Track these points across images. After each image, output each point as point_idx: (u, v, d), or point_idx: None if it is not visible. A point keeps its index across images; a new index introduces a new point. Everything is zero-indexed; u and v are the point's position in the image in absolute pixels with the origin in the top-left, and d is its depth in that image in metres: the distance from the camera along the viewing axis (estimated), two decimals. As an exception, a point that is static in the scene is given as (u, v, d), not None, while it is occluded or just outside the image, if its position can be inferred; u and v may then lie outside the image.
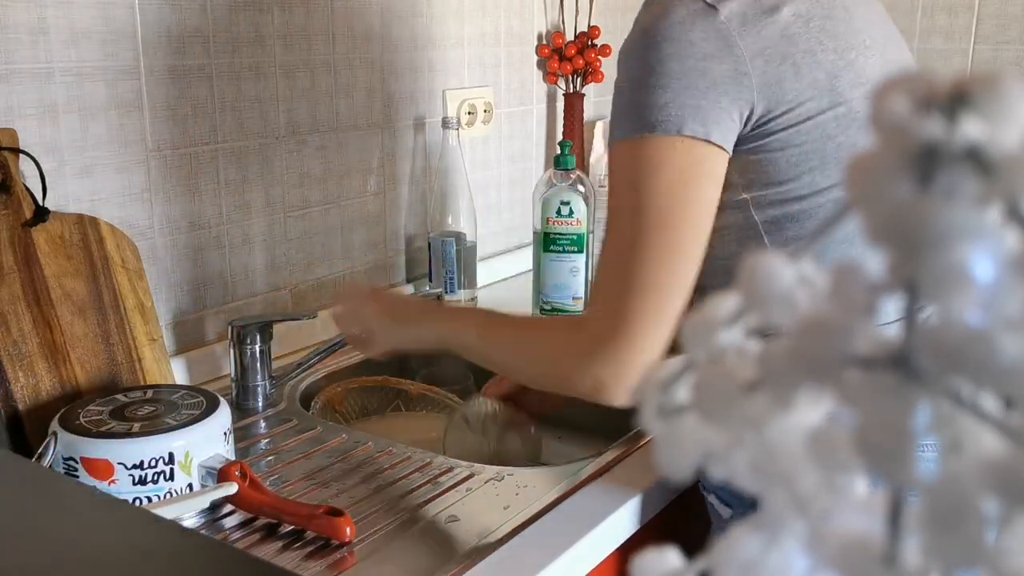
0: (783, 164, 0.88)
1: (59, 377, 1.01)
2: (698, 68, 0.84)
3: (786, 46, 0.86)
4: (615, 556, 0.94)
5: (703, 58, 0.84)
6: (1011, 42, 1.93)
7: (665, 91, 0.84)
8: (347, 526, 0.85)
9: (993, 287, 0.21)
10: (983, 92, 0.21)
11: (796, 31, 0.87)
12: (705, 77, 0.84)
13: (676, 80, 0.84)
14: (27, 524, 0.53)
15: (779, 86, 0.86)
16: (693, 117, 0.84)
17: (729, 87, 0.84)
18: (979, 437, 0.22)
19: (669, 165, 0.85)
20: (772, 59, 0.85)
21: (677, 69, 0.84)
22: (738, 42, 0.84)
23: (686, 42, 0.84)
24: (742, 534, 0.26)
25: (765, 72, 0.85)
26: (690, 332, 0.27)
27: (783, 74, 0.86)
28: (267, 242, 1.36)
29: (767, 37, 0.85)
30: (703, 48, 0.84)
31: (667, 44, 0.84)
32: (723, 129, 0.85)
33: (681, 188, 0.85)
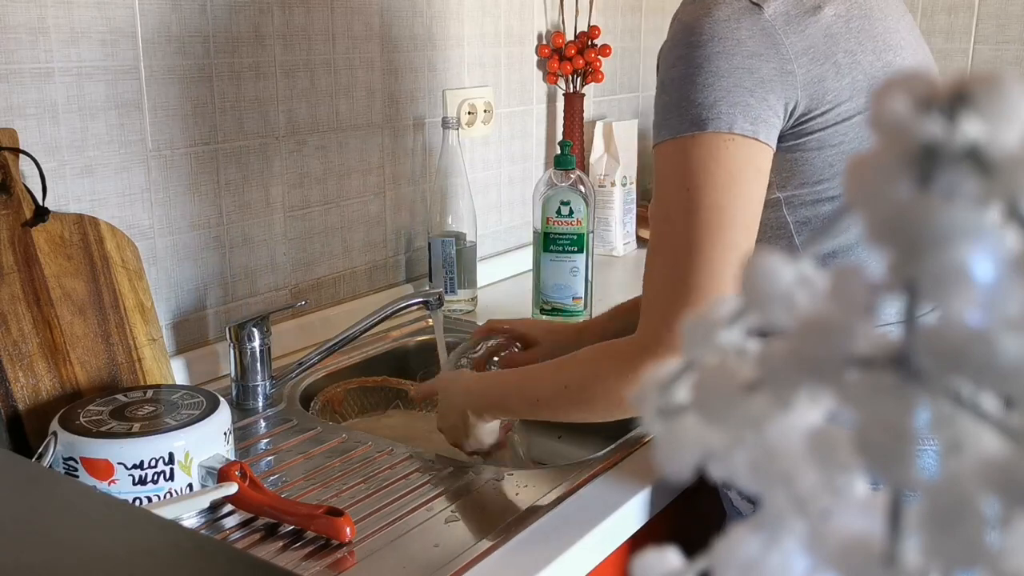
0: (819, 164, 0.89)
1: (59, 377, 1.01)
2: (745, 66, 0.84)
3: (829, 45, 0.86)
4: (617, 555, 0.94)
5: (750, 56, 0.84)
6: (1011, 42, 1.93)
7: (714, 89, 0.84)
8: (347, 526, 0.85)
9: (993, 287, 0.21)
10: (983, 92, 0.21)
11: (838, 31, 0.87)
12: (753, 75, 0.84)
13: (725, 78, 0.84)
14: (27, 524, 0.53)
15: (821, 84, 0.86)
16: (743, 115, 0.84)
17: (776, 84, 0.85)
18: (979, 437, 0.22)
19: (721, 163, 0.85)
20: (816, 58, 0.86)
21: (725, 67, 0.84)
22: (783, 40, 0.85)
23: (733, 40, 0.84)
24: (742, 534, 0.26)
25: (809, 70, 0.86)
26: (690, 332, 0.27)
27: (825, 73, 0.86)
28: (267, 242, 1.36)
29: (811, 36, 0.86)
30: (749, 46, 0.84)
31: (713, 42, 0.84)
32: (769, 127, 0.86)
33: (734, 186, 0.85)
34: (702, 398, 0.26)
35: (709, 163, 0.85)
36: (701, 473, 0.27)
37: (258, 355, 1.18)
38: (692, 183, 0.85)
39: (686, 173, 0.85)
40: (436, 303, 1.30)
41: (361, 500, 0.95)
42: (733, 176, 0.85)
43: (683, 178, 0.86)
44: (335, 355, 1.31)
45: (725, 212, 0.84)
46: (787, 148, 0.88)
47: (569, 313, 1.49)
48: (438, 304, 1.30)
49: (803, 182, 0.90)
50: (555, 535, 0.88)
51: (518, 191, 1.85)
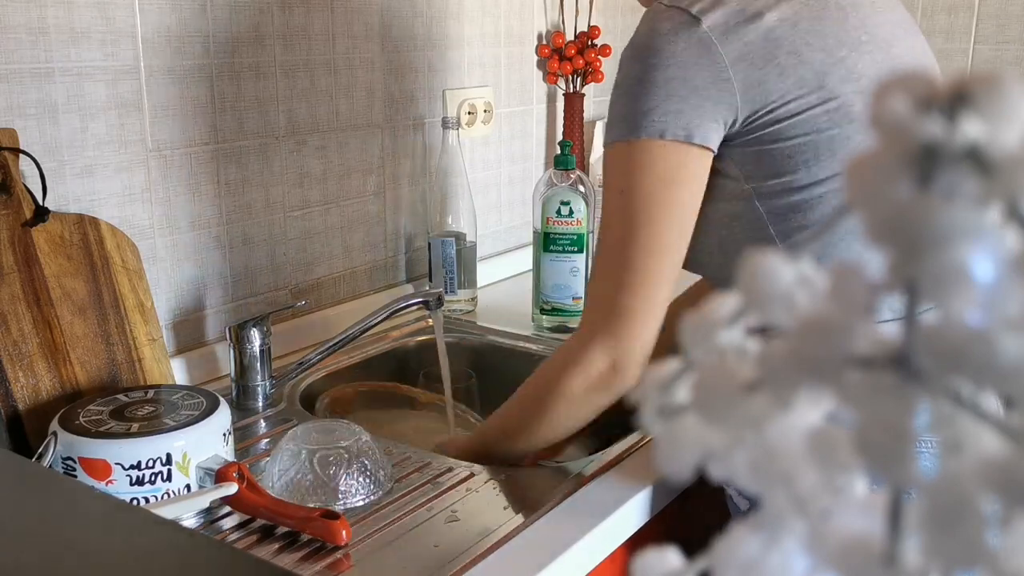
0: (777, 156, 0.93)
1: (59, 377, 1.01)
2: (679, 76, 0.90)
3: (770, 48, 0.90)
4: (616, 555, 0.94)
5: (684, 67, 0.90)
6: (1011, 42, 1.93)
7: (649, 98, 0.91)
8: (343, 529, 0.85)
9: (993, 287, 0.21)
10: (983, 92, 0.21)
11: (780, 34, 0.91)
12: (686, 84, 0.90)
13: (659, 88, 0.90)
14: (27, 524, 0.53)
15: (762, 87, 0.90)
16: (675, 122, 0.90)
17: (711, 92, 0.90)
18: (979, 437, 0.22)
19: (653, 168, 0.91)
20: (755, 62, 0.90)
21: (660, 78, 0.90)
22: (719, 50, 0.90)
23: (669, 53, 0.90)
24: (742, 534, 0.26)
25: (748, 75, 0.90)
26: (690, 332, 0.27)
27: (766, 76, 0.90)
28: (267, 242, 1.36)
29: (749, 42, 0.90)
30: (685, 58, 0.90)
31: (652, 55, 0.91)
32: (705, 131, 0.91)
33: (664, 188, 0.91)
34: (702, 398, 0.26)
35: (640, 168, 0.92)
36: (701, 473, 0.27)
37: (258, 355, 1.18)
38: (626, 186, 0.93)
39: (620, 177, 0.93)
40: (436, 303, 1.30)
41: (360, 501, 0.95)
42: (664, 180, 0.91)
43: (619, 182, 0.93)
44: (335, 355, 1.31)
45: (655, 213, 0.91)
46: (744, 143, 0.93)
47: (569, 313, 1.49)
48: (438, 304, 1.30)
49: (767, 174, 0.94)
50: (555, 535, 0.88)
51: (518, 191, 1.85)
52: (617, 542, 0.94)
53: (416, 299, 1.30)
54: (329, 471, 0.94)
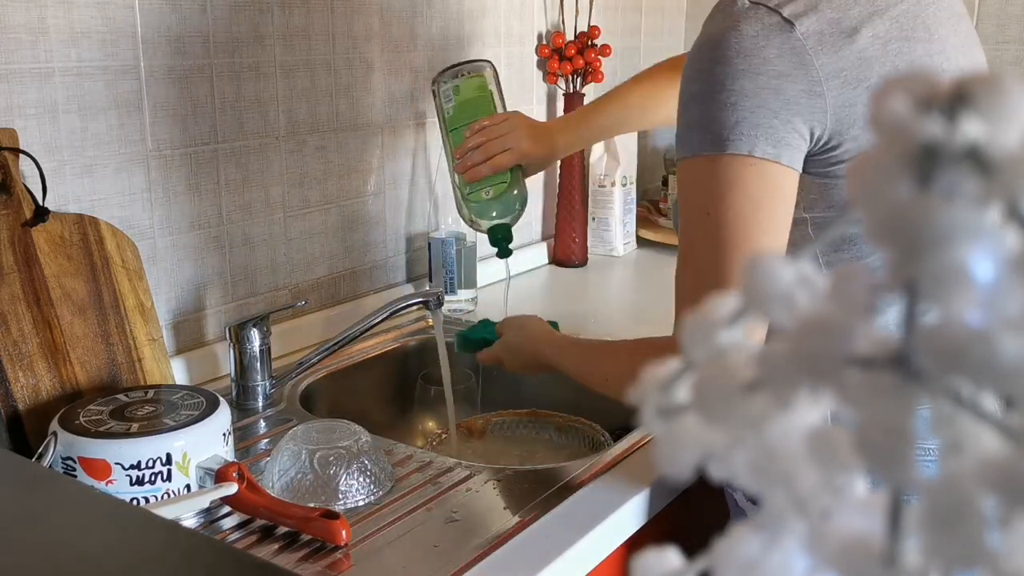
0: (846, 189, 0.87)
1: (59, 377, 1.01)
2: (771, 86, 0.81)
3: (862, 69, 0.83)
4: (616, 556, 0.94)
5: (777, 76, 0.81)
6: (1011, 42, 1.93)
7: (736, 109, 0.81)
8: (343, 529, 0.85)
9: (993, 287, 0.21)
10: (983, 92, 0.21)
11: (873, 54, 0.84)
12: (779, 96, 0.81)
13: (748, 99, 0.81)
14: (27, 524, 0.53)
15: (851, 109, 0.83)
16: (765, 138, 0.81)
17: (802, 107, 0.81)
18: (979, 437, 0.22)
19: (741, 188, 0.82)
20: (848, 81, 0.82)
21: (750, 87, 0.81)
22: (814, 62, 0.81)
23: (760, 59, 0.81)
24: (742, 534, 0.26)
25: (840, 94, 0.82)
26: (690, 332, 0.27)
27: (857, 98, 0.83)
28: (267, 242, 1.36)
29: (844, 58, 0.82)
30: (777, 66, 0.81)
31: (739, 60, 0.81)
32: (793, 150, 0.83)
33: (754, 211, 0.83)
34: (702, 398, 0.26)
35: (728, 187, 0.83)
36: (701, 473, 0.27)
37: (258, 355, 1.18)
38: (713, 207, 0.84)
39: (707, 196, 0.84)
40: (436, 303, 1.30)
41: (360, 500, 0.95)
42: (754, 200, 0.83)
43: (703, 201, 0.85)
44: (335, 355, 1.31)
45: (746, 237, 0.83)
46: (816, 173, 0.86)
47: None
48: (438, 304, 1.30)
49: (830, 205, 0.88)
50: (555, 535, 0.88)
51: (518, 191, 1.85)
52: (617, 542, 0.94)
53: (416, 299, 1.30)
54: (329, 471, 0.94)
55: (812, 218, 0.89)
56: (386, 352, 1.43)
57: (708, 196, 0.84)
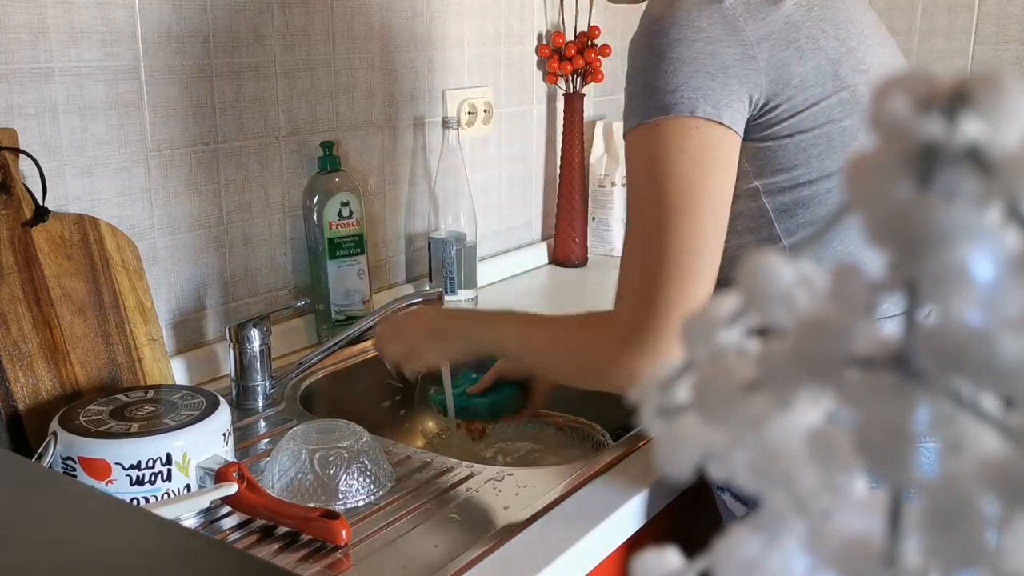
0: (792, 150, 0.90)
1: (59, 377, 1.01)
2: (707, 51, 0.85)
3: (790, 32, 0.88)
4: (616, 556, 0.94)
5: (711, 42, 0.85)
6: (1011, 42, 1.93)
7: (676, 75, 0.85)
8: (342, 529, 0.85)
9: (993, 287, 0.21)
10: (983, 92, 0.21)
11: (799, 19, 0.89)
12: (714, 60, 0.85)
13: (686, 64, 0.85)
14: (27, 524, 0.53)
15: (785, 70, 0.87)
16: (705, 99, 0.85)
17: (738, 70, 0.86)
18: (979, 437, 0.22)
19: (685, 149, 0.86)
20: (778, 44, 0.87)
21: (687, 53, 0.85)
22: (744, 27, 0.86)
23: (694, 27, 0.85)
24: (742, 534, 0.26)
25: (772, 56, 0.87)
26: (690, 332, 0.27)
27: (788, 58, 0.88)
28: (267, 242, 1.36)
29: (771, 23, 0.88)
30: (710, 32, 0.85)
31: (675, 30, 0.86)
32: (733, 112, 0.86)
33: (699, 171, 0.86)
34: (702, 398, 0.26)
35: (673, 149, 0.86)
36: (701, 473, 0.27)
37: (258, 355, 1.18)
38: (659, 171, 0.86)
39: (652, 161, 0.87)
40: (436, 303, 1.30)
41: (360, 500, 0.95)
42: (698, 162, 0.86)
43: (650, 166, 0.87)
44: (335, 355, 1.31)
45: (691, 198, 0.86)
46: (759, 138, 0.90)
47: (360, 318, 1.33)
48: (438, 304, 1.30)
49: (778, 169, 0.91)
50: (555, 535, 0.88)
51: (518, 191, 1.85)
52: (617, 543, 0.94)
53: (416, 299, 1.30)
54: (329, 471, 0.94)
55: (763, 186, 0.92)
56: (386, 352, 1.43)
57: (653, 160, 0.87)
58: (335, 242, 1.37)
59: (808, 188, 0.91)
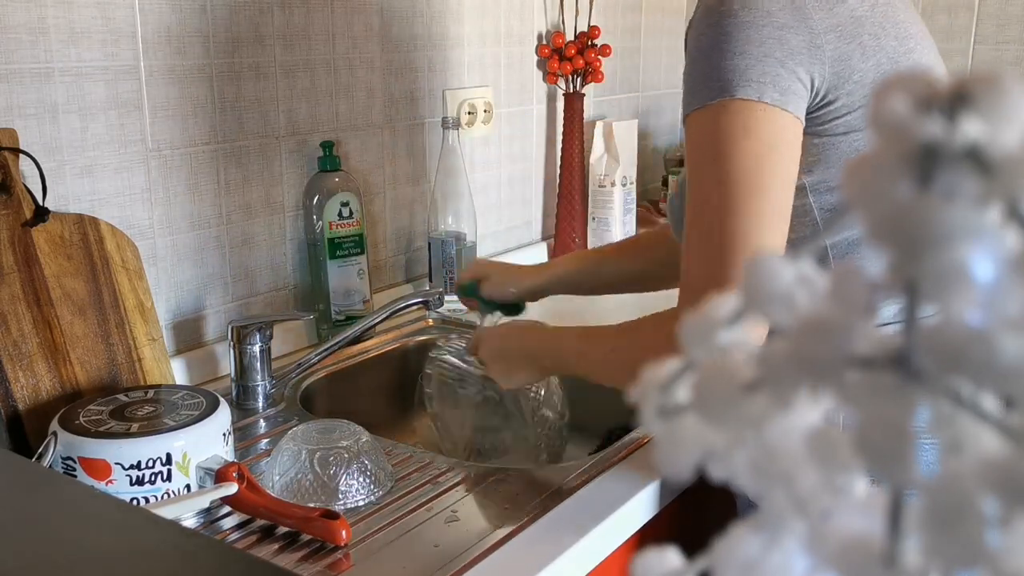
0: (844, 148, 0.89)
1: (59, 377, 1.01)
2: (775, 36, 0.84)
3: (855, 26, 0.87)
4: (619, 554, 0.94)
5: (780, 27, 0.84)
6: (1011, 42, 1.93)
7: (744, 57, 0.83)
8: (342, 529, 0.85)
9: (993, 287, 0.21)
10: (983, 92, 0.21)
11: (863, 14, 0.88)
12: (783, 46, 0.84)
13: (755, 47, 0.83)
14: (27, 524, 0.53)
15: (848, 63, 0.86)
16: (773, 85, 0.83)
17: (804, 57, 0.84)
18: (979, 437, 0.22)
19: (751, 132, 0.83)
20: (843, 36, 0.86)
21: (755, 36, 0.83)
22: (812, 15, 0.85)
23: (763, 11, 0.84)
24: (742, 534, 0.26)
25: (837, 48, 0.86)
26: (690, 332, 0.27)
27: (852, 52, 0.86)
28: (267, 242, 1.36)
29: (839, 14, 0.86)
30: (779, 18, 0.84)
31: (744, 12, 0.84)
32: (798, 99, 0.85)
33: (767, 153, 0.83)
34: (702, 398, 0.26)
35: (739, 131, 0.83)
36: (701, 473, 0.27)
37: (258, 355, 1.18)
38: (723, 152, 0.84)
39: (716, 142, 0.84)
40: (436, 303, 1.30)
41: (361, 500, 0.95)
42: (766, 145, 0.83)
43: (714, 148, 0.84)
44: (335, 355, 1.31)
45: (759, 179, 0.83)
46: (814, 132, 0.88)
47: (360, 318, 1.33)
48: (438, 304, 1.30)
49: (829, 166, 0.89)
50: (556, 535, 0.88)
51: (518, 191, 1.85)
52: (617, 542, 0.94)
53: (416, 299, 1.30)
54: (329, 471, 0.94)
55: (811, 184, 0.90)
56: (386, 352, 1.43)
57: (720, 142, 0.84)
58: (335, 242, 1.37)
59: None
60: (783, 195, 0.84)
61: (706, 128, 0.85)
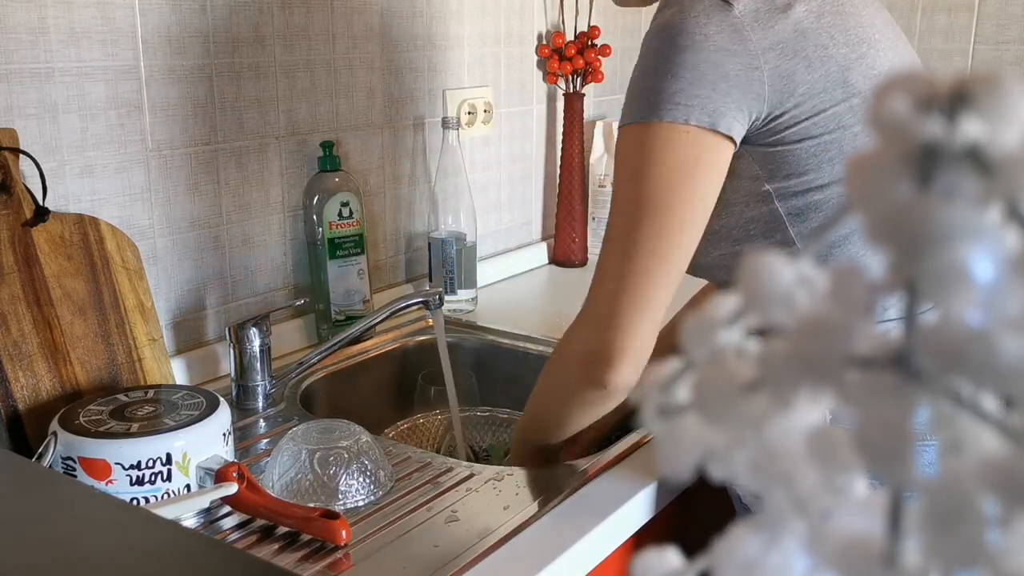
0: (802, 155, 0.90)
1: (59, 377, 1.01)
2: (711, 60, 0.85)
3: (798, 41, 0.88)
4: (617, 555, 0.94)
5: (716, 50, 0.86)
6: (1011, 42, 1.93)
7: (677, 80, 0.86)
8: (342, 529, 0.85)
9: (993, 287, 0.21)
10: (983, 92, 0.21)
11: (808, 26, 0.89)
12: (717, 69, 0.85)
13: (689, 71, 0.85)
14: (27, 524, 0.53)
15: (791, 79, 0.87)
16: (702, 107, 0.85)
17: (740, 81, 0.86)
18: (979, 437, 0.22)
19: (672, 153, 0.86)
20: (784, 53, 0.87)
21: (691, 60, 0.86)
22: (751, 36, 0.86)
23: (701, 35, 0.86)
24: (742, 534, 0.26)
25: (777, 67, 0.87)
26: (690, 332, 0.27)
27: (795, 68, 0.88)
28: (267, 242, 1.36)
29: (779, 32, 0.87)
30: (717, 41, 0.86)
31: (682, 36, 0.86)
32: (729, 120, 0.87)
33: (680, 178, 0.87)
34: (702, 398, 0.26)
35: (659, 152, 0.86)
36: (701, 473, 0.27)
37: (258, 355, 1.18)
38: (642, 170, 0.87)
39: (638, 160, 0.88)
40: (436, 303, 1.30)
41: (361, 500, 0.95)
42: (681, 167, 0.86)
43: (634, 166, 0.88)
44: (335, 355, 1.31)
45: (667, 204, 0.87)
46: (768, 144, 0.90)
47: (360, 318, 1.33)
48: (438, 304, 1.30)
49: (789, 173, 0.91)
50: (555, 535, 0.88)
51: (518, 191, 1.85)
52: (617, 542, 0.94)
53: (416, 299, 1.30)
54: (329, 471, 0.94)
55: (775, 190, 0.92)
56: (386, 352, 1.43)
57: (639, 160, 0.88)
58: (335, 242, 1.37)
59: (821, 192, 0.91)
60: (694, 216, 0.88)
61: (630, 145, 0.89)
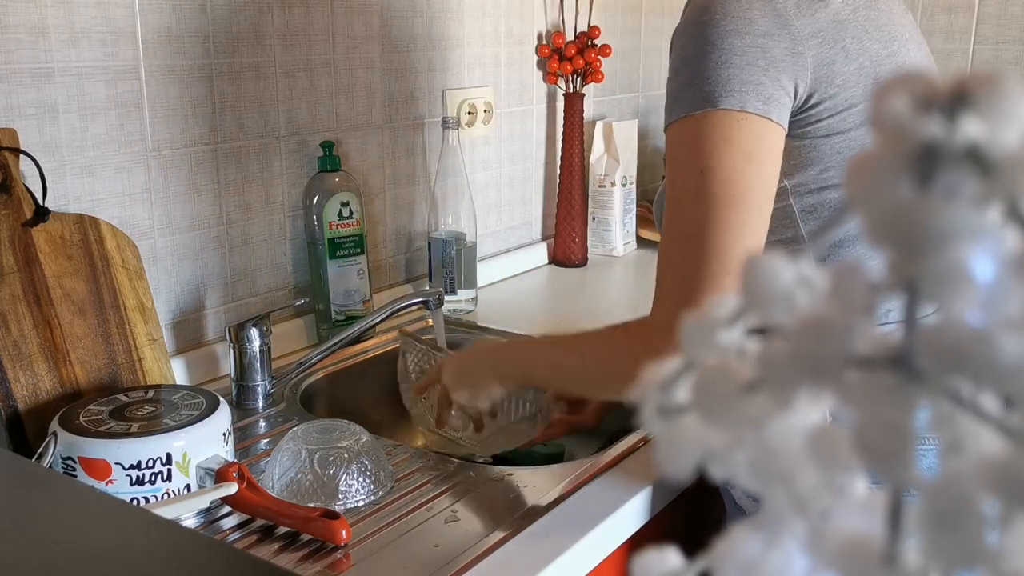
0: (826, 150, 0.89)
1: (59, 377, 1.01)
2: (758, 45, 0.84)
3: (837, 31, 0.88)
4: (616, 556, 0.94)
5: (762, 35, 0.84)
6: (1011, 42, 1.93)
7: (727, 67, 0.84)
8: (343, 528, 0.85)
9: (993, 287, 0.21)
10: (983, 92, 0.21)
11: (845, 18, 0.89)
12: (765, 54, 0.84)
13: (737, 56, 0.83)
14: (27, 524, 0.53)
15: (830, 68, 0.87)
16: (756, 94, 0.84)
17: (787, 65, 0.85)
18: (979, 437, 0.22)
19: (734, 142, 0.84)
20: (825, 41, 0.87)
21: (738, 45, 0.84)
22: (794, 21, 0.85)
23: (745, 19, 0.84)
24: (742, 534, 0.26)
25: (819, 53, 0.86)
26: (690, 332, 0.27)
27: (834, 57, 0.87)
28: (267, 242, 1.36)
29: (820, 20, 0.87)
30: (762, 25, 0.84)
31: (726, 21, 0.84)
32: (781, 107, 0.85)
33: (746, 165, 0.83)
34: (702, 398, 0.26)
35: (721, 142, 0.83)
36: (701, 473, 0.27)
37: (258, 355, 1.18)
38: (704, 164, 0.84)
39: (698, 153, 0.84)
40: (436, 303, 1.30)
41: (361, 500, 0.95)
42: (746, 155, 0.83)
43: (695, 159, 0.85)
44: (335, 355, 1.31)
45: (738, 192, 0.83)
46: (796, 135, 0.89)
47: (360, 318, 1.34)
48: (438, 304, 1.30)
49: (810, 169, 0.90)
50: (555, 535, 0.88)
51: (518, 191, 1.85)
52: (617, 542, 0.94)
53: (416, 299, 1.30)
54: (329, 471, 0.94)
55: (792, 186, 0.91)
56: (386, 352, 1.43)
57: (701, 153, 0.84)
58: (335, 242, 1.37)
59: (836, 191, 0.90)
60: (762, 202, 0.85)
61: (687, 139, 0.86)
